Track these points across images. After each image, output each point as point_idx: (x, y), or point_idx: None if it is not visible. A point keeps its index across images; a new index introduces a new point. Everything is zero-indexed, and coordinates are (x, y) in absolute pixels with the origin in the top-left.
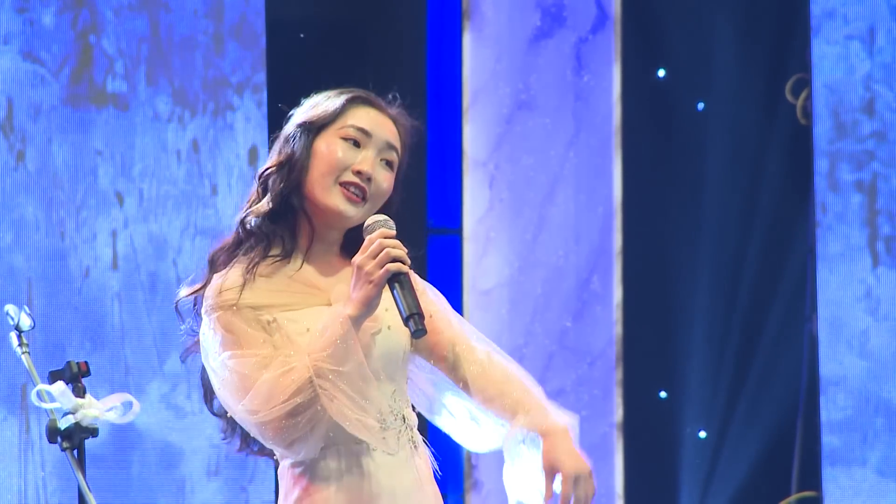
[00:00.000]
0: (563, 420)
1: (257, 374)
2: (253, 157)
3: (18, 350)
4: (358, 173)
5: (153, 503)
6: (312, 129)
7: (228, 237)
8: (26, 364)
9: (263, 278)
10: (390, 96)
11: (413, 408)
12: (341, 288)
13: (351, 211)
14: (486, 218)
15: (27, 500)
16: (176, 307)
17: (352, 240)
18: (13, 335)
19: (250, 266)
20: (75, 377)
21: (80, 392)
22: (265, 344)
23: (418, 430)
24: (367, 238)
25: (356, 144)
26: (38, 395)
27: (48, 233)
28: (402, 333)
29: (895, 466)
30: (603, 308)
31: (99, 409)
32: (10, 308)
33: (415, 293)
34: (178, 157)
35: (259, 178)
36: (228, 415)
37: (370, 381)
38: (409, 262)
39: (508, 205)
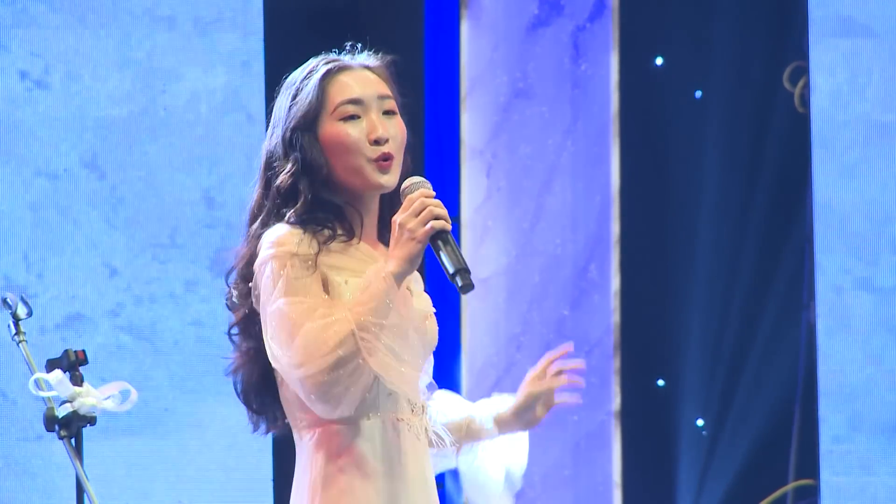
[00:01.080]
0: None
1: (304, 321)
2: None
3: (16, 338)
4: (376, 142)
5: None
6: (308, 126)
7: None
8: (24, 352)
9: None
10: (348, 45)
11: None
12: None
13: (388, 179)
14: (484, 206)
15: None
16: (228, 306)
17: (386, 224)
18: (10, 324)
19: (322, 237)
20: (73, 366)
21: (77, 380)
22: (325, 302)
23: None
24: (408, 197)
25: (356, 117)
26: (36, 383)
27: None
28: (436, 326)
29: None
30: (601, 296)
31: (97, 397)
32: (9, 296)
33: (459, 249)
34: None
35: (277, 192)
36: (254, 407)
37: (410, 337)
38: (450, 221)
39: (506, 193)
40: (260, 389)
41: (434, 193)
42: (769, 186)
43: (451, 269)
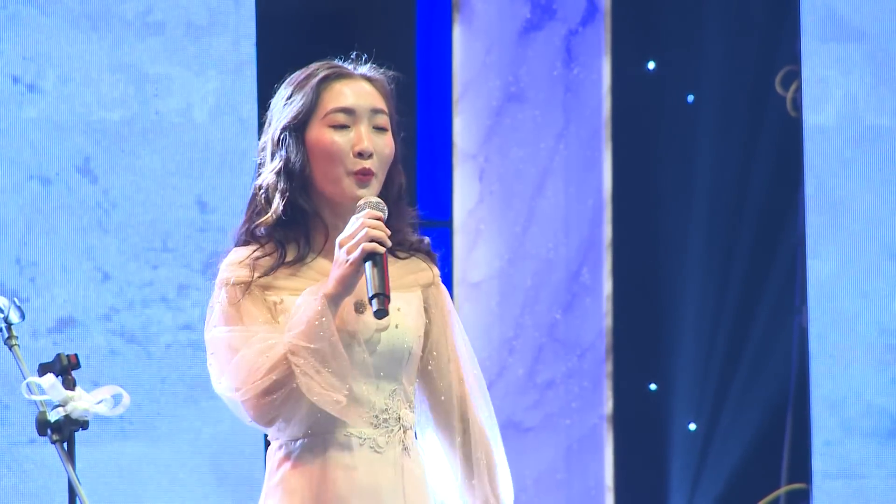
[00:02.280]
0: None
1: (240, 346)
2: None
3: (8, 342)
4: (359, 155)
5: None
6: (297, 127)
7: (230, 250)
8: (16, 356)
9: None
10: (353, 55)
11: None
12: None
13: (364, 193)
14: (476, 210)
15: None
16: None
17: None
18: (3, 327)
19: (262, 267)
20: (65, 370)
21: (69, 384)
22: (264, 324)
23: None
24: (353, 217)
25: (345, 126)
26: (29, 387)
27: None
28: (410, 335)
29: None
30: (593, 300)
31: (89, 401)
32: (1, 300)
33: (386, 275)
34: None
35: (260, 190)
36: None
37: (342, 359)
38: (388, 243)
39: (498, 197)
40: None
41: (380, 215)
42: (761, 190)
43: (369, 293)
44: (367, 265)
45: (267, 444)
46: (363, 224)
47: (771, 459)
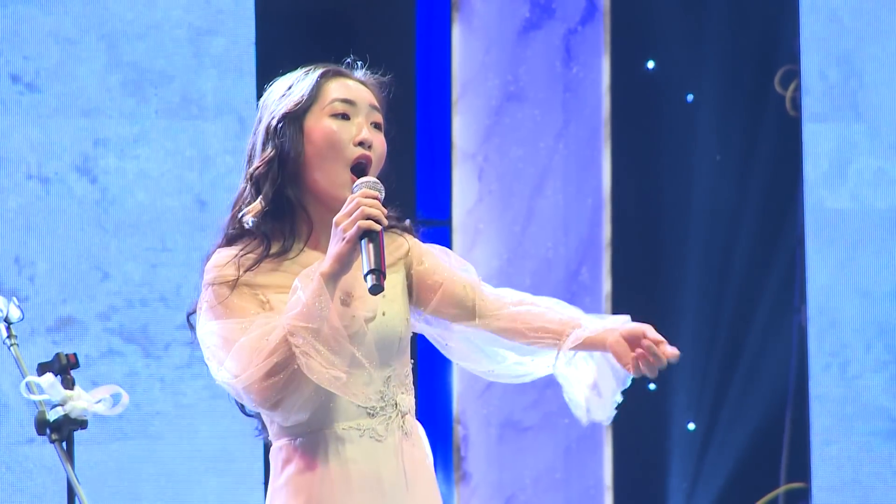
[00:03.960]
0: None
1: (238, 336)
2: None
3: (7, 342)
4: (361, 143)
5: None
6: (297, 115)
7: (219, 240)
8: (15, 356)
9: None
10: (348, 60)
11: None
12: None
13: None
14: (476, 209)
15: None
16: (188, 320)
17: None
18: (2, 326)
19: (247, 263)
20: (64, 369)
21: (68, 384)
22: (259, 316)
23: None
24: (349, 197)
25: (345, 117)
26: (28, 386)
27: None
28: (398, 320)
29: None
30: (592, 300)
31: (88, 400)
32: (0, 300)
33: (382, 252)
34: None
35: (250, 179)
36: (245, 411)
37: (341, 337)
38: (385, 222)
39: (497, 196)
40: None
41: (377, 194)
42: (760, 189)
43: (364, 269)
44: (363, 242)
45: (266, 446)
46: (358, 203)
47: (770, 459)
